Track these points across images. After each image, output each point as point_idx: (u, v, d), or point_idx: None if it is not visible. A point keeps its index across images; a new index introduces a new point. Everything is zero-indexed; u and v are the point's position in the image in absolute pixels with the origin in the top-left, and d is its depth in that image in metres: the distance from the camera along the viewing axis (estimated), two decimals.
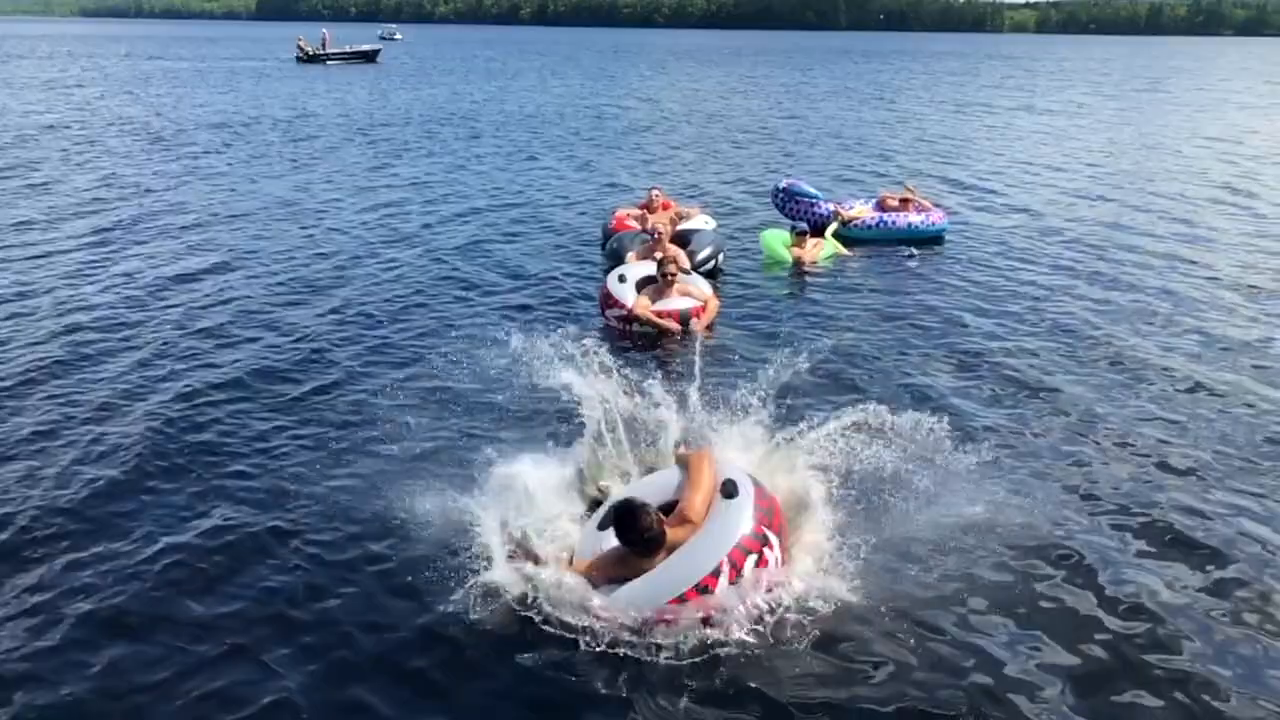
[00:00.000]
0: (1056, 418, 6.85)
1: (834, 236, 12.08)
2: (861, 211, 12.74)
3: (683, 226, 11.41)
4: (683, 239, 10.80)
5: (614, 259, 10.43)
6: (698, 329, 8.57)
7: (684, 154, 21.43)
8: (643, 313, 8.70)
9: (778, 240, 11.52)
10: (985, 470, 5.80)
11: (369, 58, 57.96)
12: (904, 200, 12.88)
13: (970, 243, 12.63)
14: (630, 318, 8.75)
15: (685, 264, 9.77)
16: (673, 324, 8.68)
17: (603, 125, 27.05)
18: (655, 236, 10.26)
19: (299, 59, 56.36)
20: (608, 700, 4.00)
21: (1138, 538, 5.26)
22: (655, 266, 9.08)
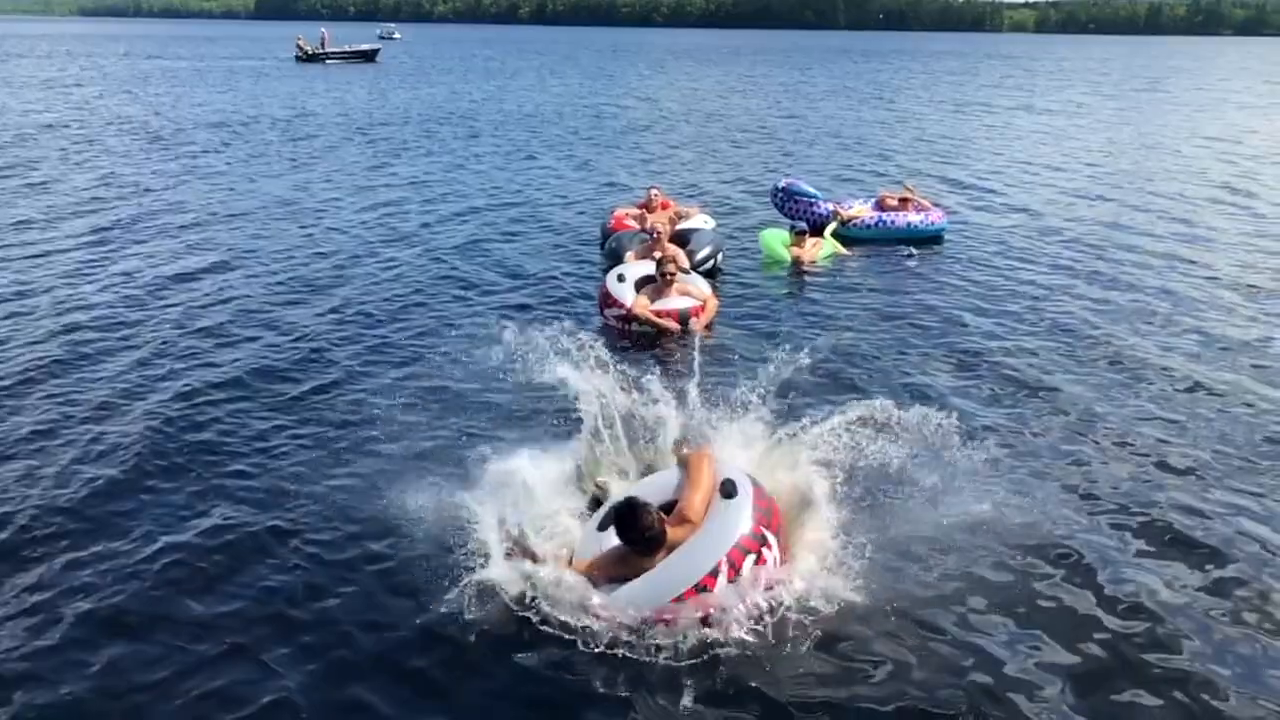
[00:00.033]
0: (1056, 417, 6.85)
1: (833, 236, 12.08)
2: (860, 211, 12.75)
3: (682, 226, 11.41)
4: (682, 238, 10.80)
5: (613, 258, 10.43)
6: (697, 328, 8.57)
7: (683, 153, 21.43)
8: (642, 312, 8.70)
9: (777, 240, 11.53)
10: (985, 469, 5.81)
11: (368, 57, 57.96)
12: (903, 200, 12.88)
13: (969, 242, 12.64)
14: (629, 317, 8.75)
15: (684, 263, 9.76)
16: (672, 323, 8.68)
17: (601, 124, 27.05)
18: (654, 236, 10.25)
19: (298, 58, 56.38)
20: (607, 700, 4.00)
21: (1137, 537, 5.27)
22: (654, 266, 9.07)
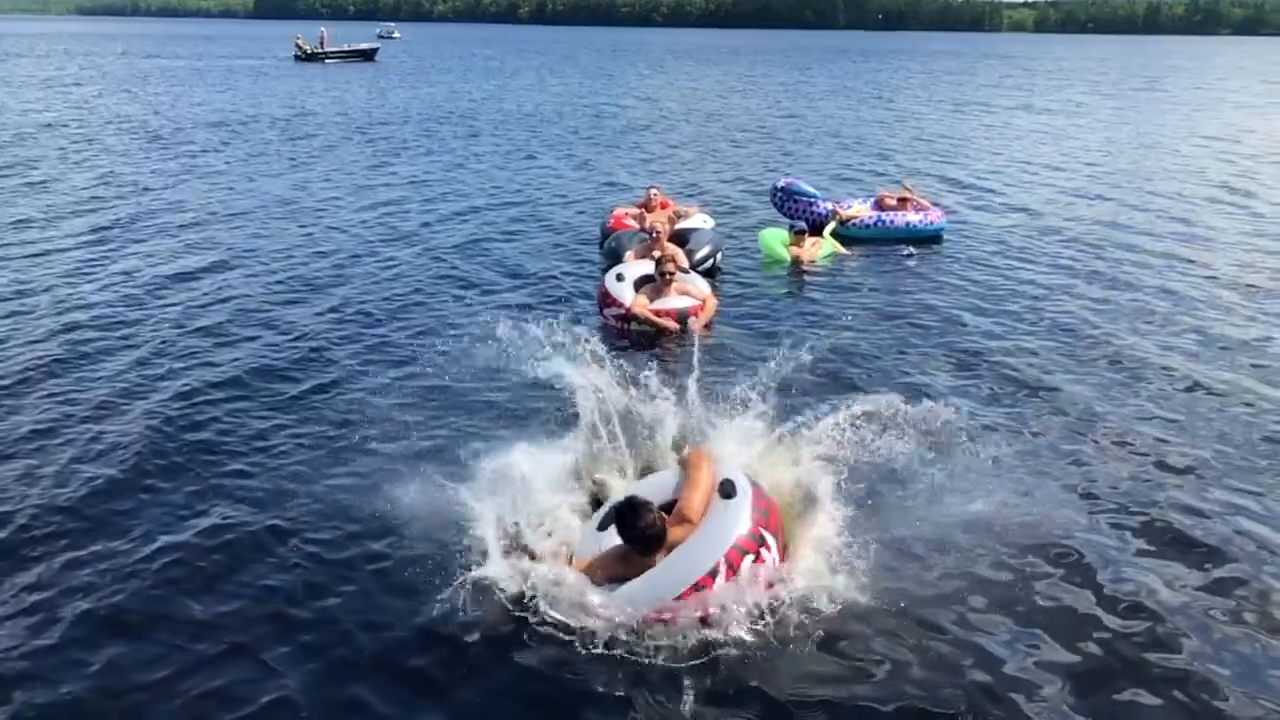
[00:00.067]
0: (1055, 416, 6.86)
1: (832, 235, 12.08)
2: (860, 210, 12.75)
3: (681, 225, 11.41)
4: (681, 238, 10.80)
5: (612, 258, 10.43)
6: (696, 328, 8.56)
7: (682, 153, 21.43)
8: (641, 311, 8.70)
9: (776, 239, 11.53)
10: (984, 468, 5.82)
11: (367, 56, 57.94)
12: (902, 199, 12.88)
13: (969, 242, 12.64)
14: (628, 316, 8.75)
15: (683, 263, 9.76)
16: (671, 323, 8.68)
17: (601, 124, 27.05)
18: (653, 235, 10.25)
19: (297, 57, 56.34)
20: (607, 699, 4.00)
21: (1137, 536, 5.27)
22: (653, 265, 9.07)
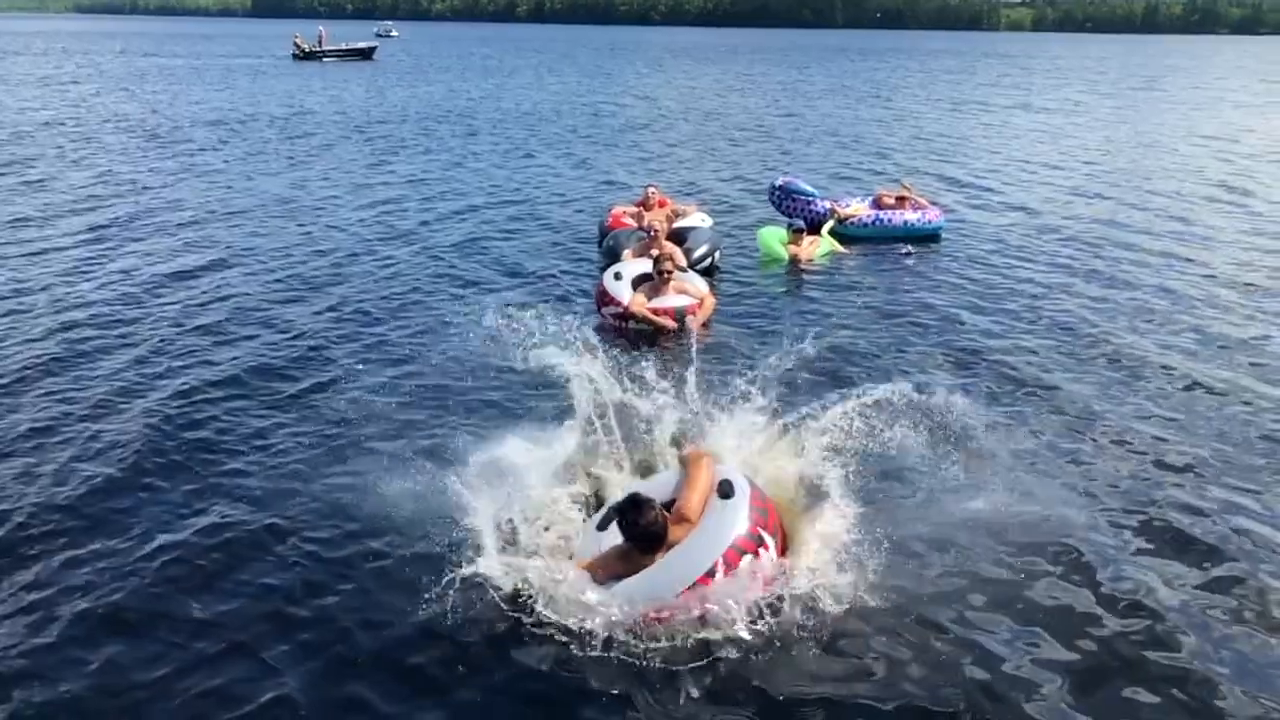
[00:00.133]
0: (1054, 415, 6.86)
1: (830, 234, 12.08)
2: (858, 209, 12.75)
3: (679, 224, 11.42)
4: (679, 236, 10.81)
5: (610, 256, 10.43)
6: (694, 326, 8.56)
7: (681, 151, 21.43)
8: (639, 310, 8.70)
9: (774, 238, 11.53)
10: (983, 467, 5.82)
11: (365, 55, 57.86)
12: (900, 198, 12.89)
13: (967, 240, 12.65)
14: (626, 315, 8.75)
15: (681, 261, 9.76)
16: (669, 321, 8.68)
17: (599, 123, 27.04)
18: (651, 234, 10.25)
19: (295, 56, 56.27)
20: (606, 698, 4.00)
21: (1136, 535, 5.28)
22: (651, 264, 9.08)
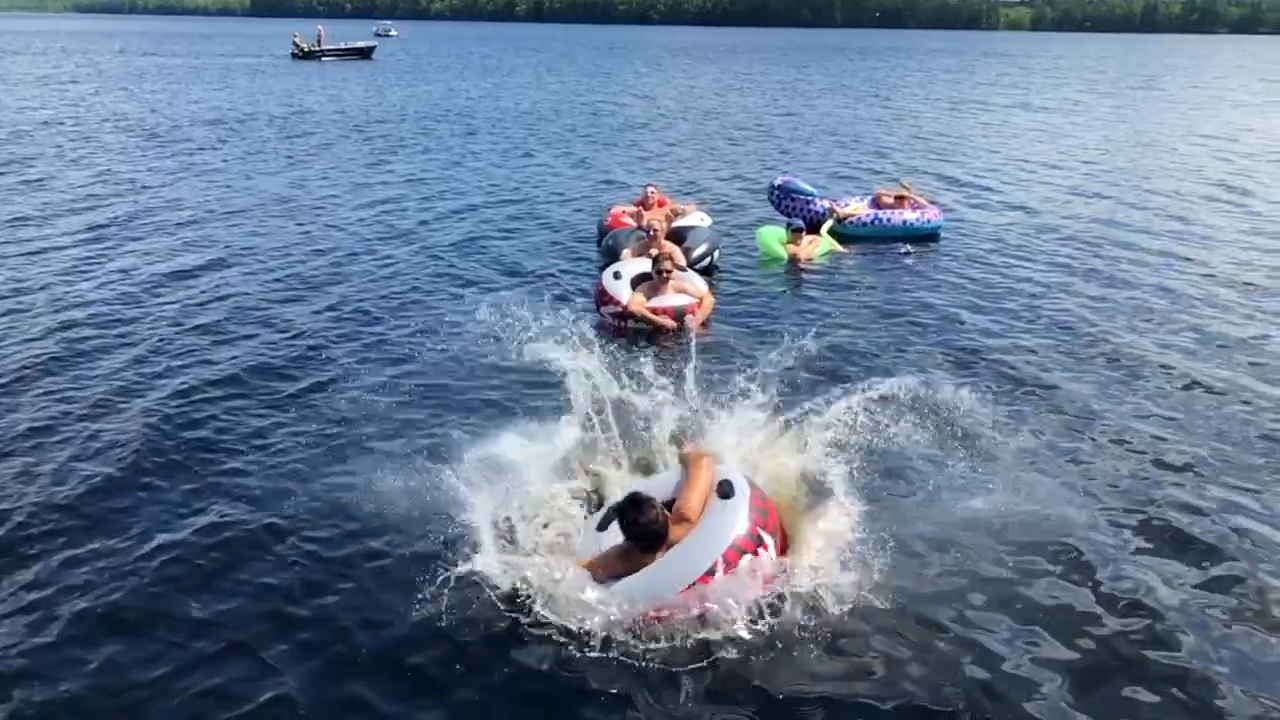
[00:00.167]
0: (1053, 414, 6.86)
1: (829, 233, 12.08)
2: (857, 209, 12.75)
3: (678, 223, 11.42)
4: (678, 236, 10.81)
5: (609, 256, 10.43)
6: (693, 325, 8.56)
7: (680, 151, 21.43)
8: (638, 309, 8.70)
9: (773, 237, 11.53)
10: (983, 467, 5.83)
11: (364, 54, 57.87)
12: (899, 197, 12.89)
13: (966, 240, 12.65)
14: (625, 314, 8.75)
15: (681, 261, 9.76)
16: (668, 320, 8.68)
17: (598, 122, 27.04)
18: (651, 233, 10.25)
19: (294, 55, 56.28)
20: (606, 697, 4.00)
21: (1135, 534, 5.28)
22: (651, 263, 9.08)
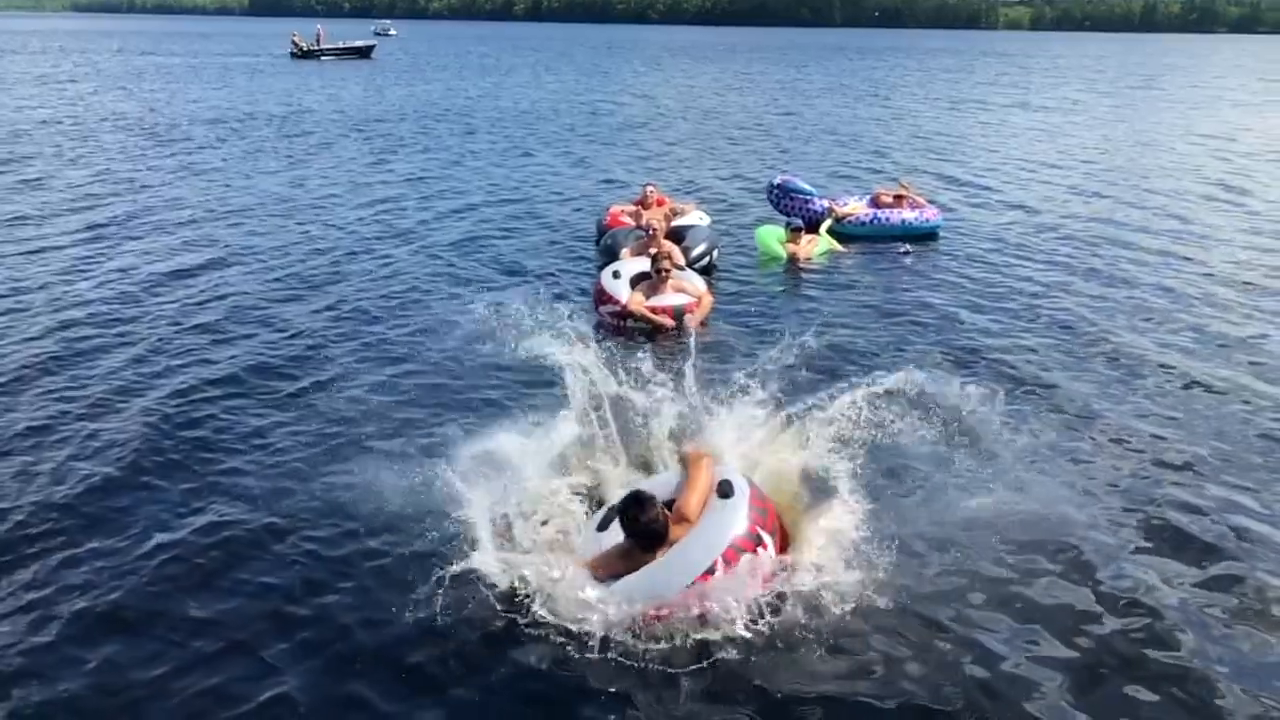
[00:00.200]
0: (1053, 414, 6.86)
1: (829, 233, 12.09)
2: (856, 208, 12.75)
3: (677, 222, 11.43)
4: (677, 235, 10.81)
5: (608, 255, 10.43)
6: (692, 325, 8.56)
7: (679, 150, 21.43)
8: (637, 308, 8.70)
9: (772, 236, 11.53)
10: (982, 466, 5.83)
11: (363, 53, 57.84)
12: (898, 197, 12.90)
13: (965, 239, 12.65)
14: (624, 313, 8.75)
15: (680, 260, 9.76)
16: (667, 320, 8.68)
17: (598, 121, 27.03)
18: (650, 232, 10.26)
19: (293, 55, 56.24)
20: (606, 696, 4.01)
21: (1135, 533, 5.28)
22: (649, 262, 9.09)
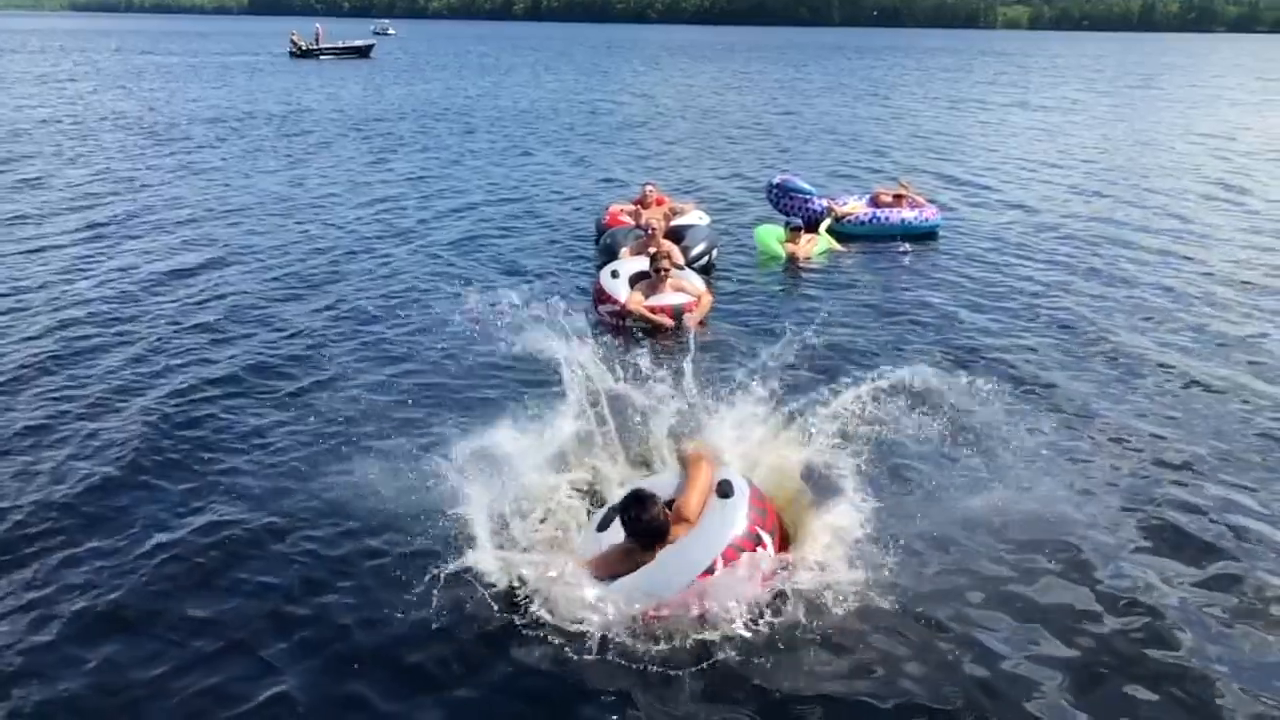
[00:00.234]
0: (1052, 413, 6.86)
1: (828, 232, 12.09)
2: (855, 207, 12.76)
3: (677, 222, 11.42)
4: (677, 234, 10.81)
5: (607, 254, 10.43)
6: (691, 324, 8.57)
7: (678, 149, 21.43)
8: (636, 308, 8.70)
9: (772, 236, 11.53)
10: (982, 465, 5.84)
11: (362, 53, 57.83)
12: (898, 196, 12.90)
13: (964, 238, 12.65)
14: (623, 313, 8.75)
15: (679, 259, 9.76)
16: (666, 319, 8.68)
17: (597, 121, 27.03)
18: (649, 232, 10.26)
19: (292, 54, 56.22)
20: (606, 696, 4.01)
21: (1134, 532, 5.28)
22: (649, 262, 9.09)
